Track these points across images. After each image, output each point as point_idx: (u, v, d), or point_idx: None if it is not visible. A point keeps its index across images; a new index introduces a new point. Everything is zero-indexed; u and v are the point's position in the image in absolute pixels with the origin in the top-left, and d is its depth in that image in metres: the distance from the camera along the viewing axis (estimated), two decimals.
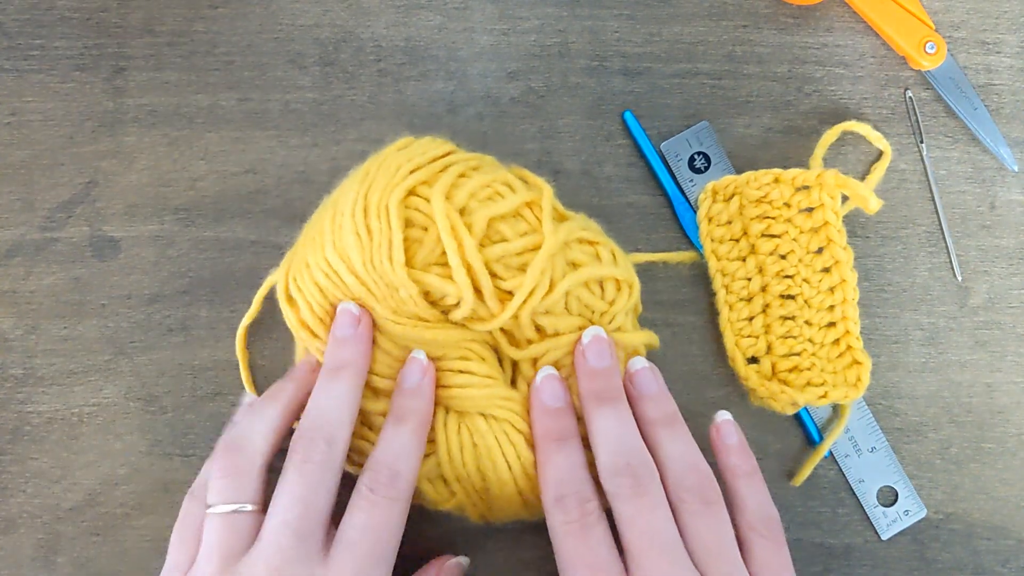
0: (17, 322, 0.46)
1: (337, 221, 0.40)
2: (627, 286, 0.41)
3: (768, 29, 0.48)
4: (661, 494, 0.37)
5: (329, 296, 0.40)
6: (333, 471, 0.37)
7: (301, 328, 0.41)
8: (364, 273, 0.39)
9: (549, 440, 0.39)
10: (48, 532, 0.45)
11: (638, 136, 0.46)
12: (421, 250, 0.39)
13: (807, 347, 0.44)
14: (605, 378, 0.40)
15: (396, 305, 0.39)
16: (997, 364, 0.46)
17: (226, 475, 0.38)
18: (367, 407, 0.40)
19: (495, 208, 0.39)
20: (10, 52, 0.48)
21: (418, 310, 0.39)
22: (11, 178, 0.47)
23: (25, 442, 0.45)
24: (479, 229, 0.39)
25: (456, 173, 0.40)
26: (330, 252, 0.39)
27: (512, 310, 0.39)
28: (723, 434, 0.41)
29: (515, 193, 0.40)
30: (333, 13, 0.48)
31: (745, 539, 0.38)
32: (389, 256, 0.38)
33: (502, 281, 0.39)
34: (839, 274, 0.45)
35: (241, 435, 0.39)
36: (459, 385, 0.40)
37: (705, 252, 0.46)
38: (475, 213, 0.39)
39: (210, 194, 0.47)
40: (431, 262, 0.39)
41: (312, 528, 0.36)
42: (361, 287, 0.39)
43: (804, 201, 0.45)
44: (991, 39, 0.48)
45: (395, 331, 0.40)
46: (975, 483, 0.46)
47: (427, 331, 0.40)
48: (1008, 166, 0.47)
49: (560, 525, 0.37)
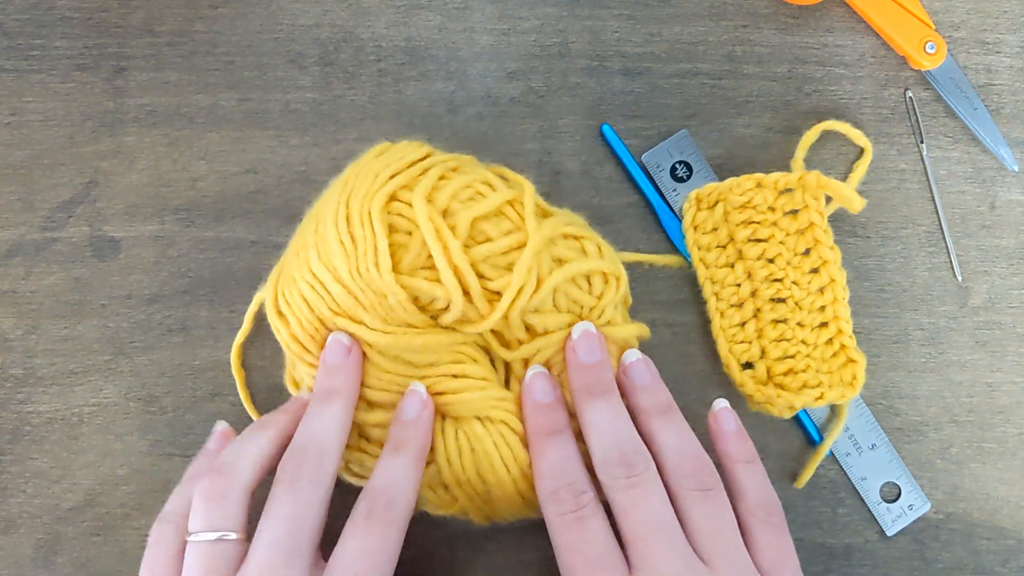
0: (17, 322, 0.46)
1: (320, 232, 0.39)
2: (614, 279, 0.41)
3: (768, 29, 0.48)
4: (657, 481, 0.37)
5: (317, 310, 0.39)
6: (322, 491, 0.36)
7: (292, 342, 0.40)
8: (351, 282, 0.38)
9: (541, 435, 0.39)
10: (48, 532, 0.45)
11: (618, 148, 0.46)
12: (407, 255, 0.39)
13: (801, 349, 0.44)
14: (596, 372, 0.39)
15: (385, 313, 0.39)
16: (997, 364, 0.46)
17: (210, 499, 0.36)
18: (362, 419, 0.40)
19: (477, 208, 0.39)
20: (10, 52, 0.48)
21: (407, 316, 0.39)
22: (11, 178, 0.47)
23: (25, 442, 0.45)
24: (463, 230, 0.39)
25: (436, 175, 0.40)
26: (315, 264, 0.39)
27: (501, 310, 0.39)
28: (721, 421, 0.41)
29: (496, 192, 0.40)
30: (333, 13, 0.48)
31: (747, 526, 0.38)
32: (375, 263, 0.38)
33: (489, 281, 0.39)
34: (828, 274, 0.45)
35: (227, 460, 0.37)
36: (454, 390, 0.40)
37: (693, 260, 0.46)
38: (458, 214, 0.39)
39: (210, 194, 0.47)
40: (417, 266, 0.39)
41: (301, 548, 0.35)
42: (348, 297, 0.39)
43: (788, 204, 0.45)
44: (991, 39, 0.48)
45: (385, 341, 0.39)
46: (975, 483, 0.46)
47: (418, 337, 0.39)
48: (1008, 166, 0.47)
49: (555, 518, 0.37)
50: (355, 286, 0.38)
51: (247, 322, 0.45)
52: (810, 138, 0.46)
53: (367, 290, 0.38)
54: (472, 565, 0.45)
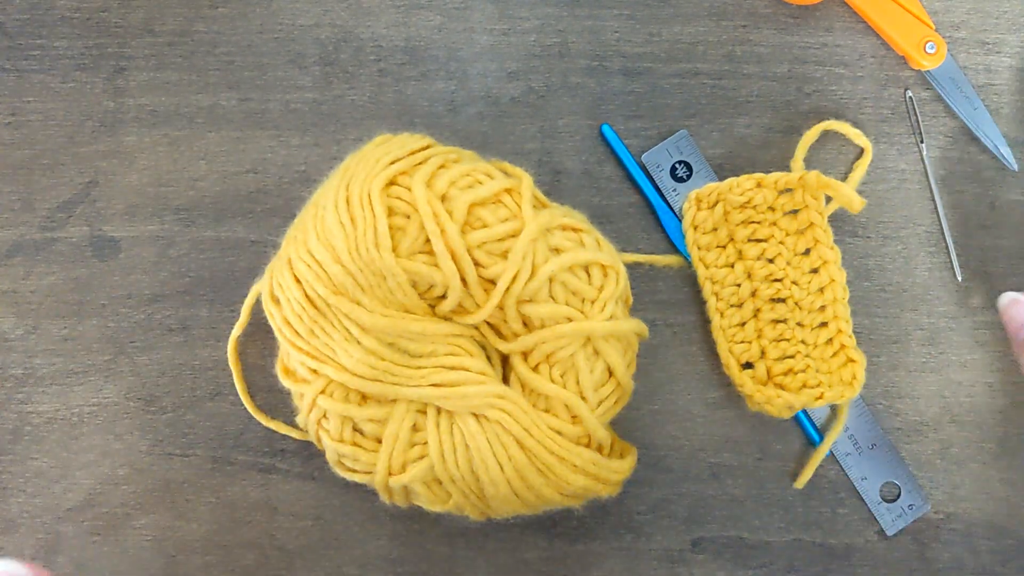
0: (17, 322, 0.46)
1: (319, 215, 0.39)
2: (614, 272, 0.41)
3: (768, 29, 0.48)
4: None
5: (314, 290, 0.39)
6: None
7: (285, 326, 0.40)
8: (350, 262, 0.38)
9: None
10: (48, 532, 0.45)
11: (618, 148, 0.46)
12: (404, 239, 0.39)
13: (800, 349, 0.44)
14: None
15: (384, 296, 0.39)
16: (997, 364, 0.46)
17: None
18: (354, 414, 0.40)
19: (475, 194, 0.39)
20: (10, 52, 0.48)
21: (406, 300, 0.39)
22: (11, 178, 0.47)
23: (25, 442, 0.45)
24: (460, 215, 0.39)
25: (436, 164, 0.40)
26: (314, 244, 0.39)
27: (497, 297, 0.39)
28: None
29: (494, 180, 0.40)
30: (333, 13, 0.48)
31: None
32: (375, 243, 0.38)
33: (484, 269, 0.39)
34: (828, 274, 0.45)
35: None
36: (452, 383, 0.39)
37: (693, 260, 0.46)
38: (455, 200, 0.39)
39: (210, 194, 0.47)
40: (415, 251, 0.39)
41: None
42: (347, 277, 0.39)
43: (788, 204, 0.45)
44: (991, 39, 0.48)
45: (383, 324, 0.39)
46: (975, 483, 0.46)
47: (415, 323, 0.39)
48: (1008, 166, 0.47)
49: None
50: (354, 266, 0.38)
51: (244, 314, 0.44)
52: (810, 138, 0.46)
53: (366, 271, 0.39)
54: (472, 564, 0.45)
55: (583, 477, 0.40)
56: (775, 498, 0.45)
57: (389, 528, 0.45)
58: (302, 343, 0.40)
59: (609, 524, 0.45)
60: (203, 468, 0.45)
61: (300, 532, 0.45)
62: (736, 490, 0.45)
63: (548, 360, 0.40)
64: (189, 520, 0.45)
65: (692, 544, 0.45)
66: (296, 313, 0.40)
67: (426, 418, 0.40)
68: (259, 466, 0.45)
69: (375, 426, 0.40)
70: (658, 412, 0.46)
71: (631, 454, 0.42)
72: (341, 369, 0.39)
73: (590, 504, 0.41)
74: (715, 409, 0.46)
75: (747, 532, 0.45)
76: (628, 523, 0.45)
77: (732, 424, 0.46)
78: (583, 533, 0.45)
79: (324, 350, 0.39)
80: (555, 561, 0.45)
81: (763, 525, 0.45)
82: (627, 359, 0.41)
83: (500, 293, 0.39)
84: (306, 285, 0.39)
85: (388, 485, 0.40)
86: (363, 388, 0.39)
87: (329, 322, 0.39)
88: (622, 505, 0.45)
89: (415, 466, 0.39)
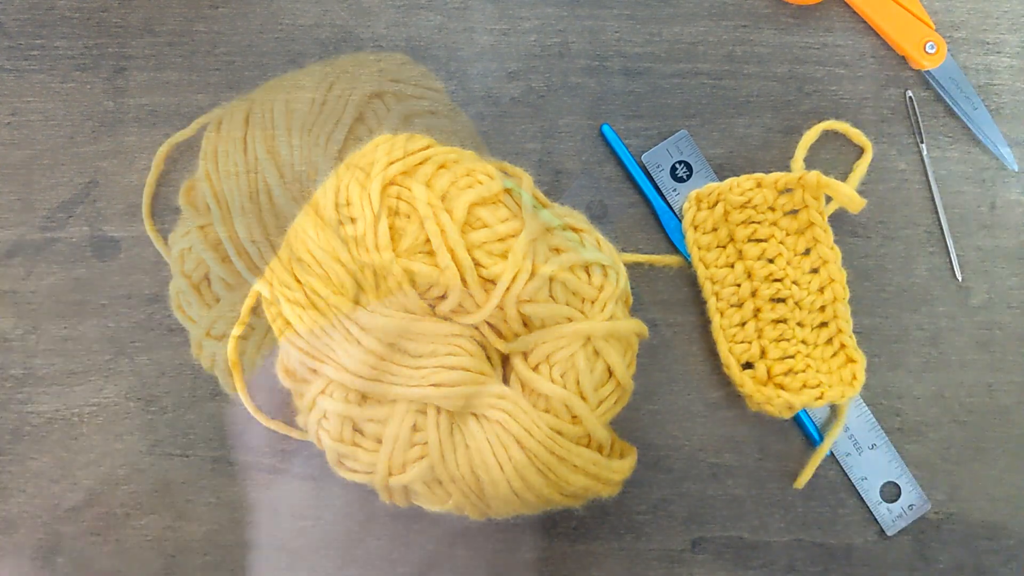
0: (17, 322, 0.46)
1: (320, 215, 0.39)
2: (614, 272, 0.41)
3: (768, 29, 0.48)
4: None
5: (316, 292, 0.39)
6: None
7: (285, 327, 0.40)
8: (350, 262, 0.38)
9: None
10: (48, 532, 0.45)
11: (618, 148, 0.46)
12: (404, 238, 0.39)
13: (801, 349, 0.44)
14: None
15: (383, 295, 0.39)
16: (997, 364, 0.46)
17: None
18: (354, 414, 0.40)
19: (475, 194, 0.39)
20: (10, 52, 0.48)
21: (406, 300, 0.39)
22: (11, 178, 0.47)
23: (25, 442, 0.45)
24: (460, 215, 0.39)
25: (436, 164, 0.40)
26: (313, 245, 0.39)
27: (497, 296, 0.39)
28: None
29: (494, 180, 0.40)
30: (333, 13, 0.48)
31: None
32: (375, 243, 0.38)
33: (484, 269, 0.39)
34: (828, 274, 0.45)
35: None
36: (452, 382, 0.39)
37: (693, 260, 0.46)
38: (456, 200, 0.39)
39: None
40: (415, 251, 0.39)
41: None
42: (348, 277, 0.39)
43: (788, 204, 0.45)
44: (991, 39, 0.48)
45: (384, 324, 0.39)
46: (975, 483, 0.46)
47: (415, 323, 0.39)
48: (1008, 166, 0.47)
49: None
50: (354, 266, 0.39)
51: (244, 314, 0.44)
52: (810, 138, 0.46)
53: (366, 271, 0.39)
54: (472, 564, 0.45)
55: (583, 477, 0.40)
56: (775, 498, 0.45)
57: (389, 528, 0.45)
58: (302, 343, 0.40)
59: (609, 524, 0.45)
60: (203, 468, 0.45)
61: (300, 532, 0.45)
62: (736, 490, 0.45)
63: (548, 360, 0.41)
64: (189, 520, 0.45)
65: (692, 544, 0.45)
66: (296, 313, 0.40)
67: (426, 418, 0.40)
68: (259, 466, 0.45)
69: (375, 426, 0.40)
70: (658, 412, 0.46)
71: (631, 454, 0.42)
72: (341, 369, 0.39)
73: (590, 504, 0.41)
74: (715, 409, 0.46)
75: (747, 532, 0.45)
76: (628, 523, 0.45)
77: (732, 424, 0.46)
78: (583, 533, 0.45)
79: (324, 350, 0.39)
80: (555, 561, 0.45)
81: (763, 525, 0.45)
82: (627, 359, 0.41)
83: (500, 293, 0.39)
84: (306, 285, 0.39)
85: (388, 485, 0.40)
86: (363, 388, 0.40)
87: (329, 322, 0.39)
88: (622, 505, 0.45)
89: (415, 466, 0.39)
